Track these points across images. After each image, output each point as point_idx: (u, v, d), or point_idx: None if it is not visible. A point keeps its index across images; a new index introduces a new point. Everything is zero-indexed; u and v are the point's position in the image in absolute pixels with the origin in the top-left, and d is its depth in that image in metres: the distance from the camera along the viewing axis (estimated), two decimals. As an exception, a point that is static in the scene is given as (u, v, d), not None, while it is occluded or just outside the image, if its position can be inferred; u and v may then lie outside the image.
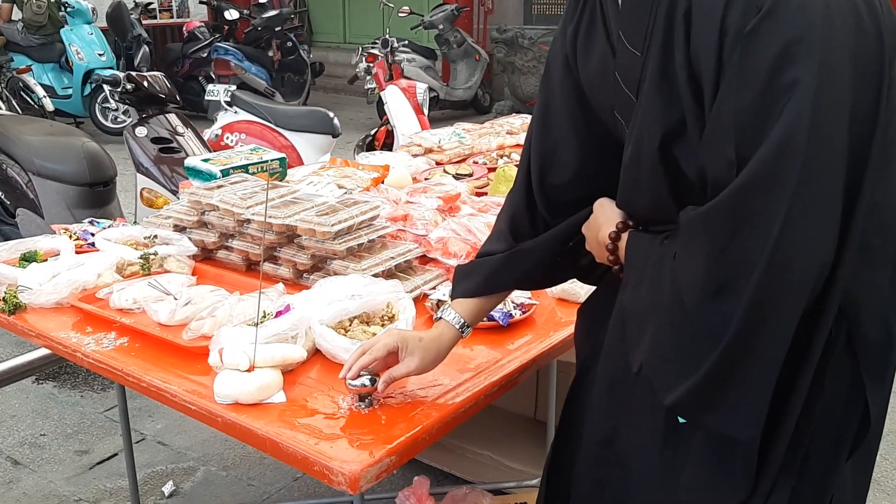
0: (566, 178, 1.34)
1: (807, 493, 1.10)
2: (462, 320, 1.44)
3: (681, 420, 1.13)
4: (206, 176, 2.49)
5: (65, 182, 3.78)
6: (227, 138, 5.16)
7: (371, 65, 5.37)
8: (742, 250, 0.96)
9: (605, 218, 1.25)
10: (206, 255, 2.17)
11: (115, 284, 1.92)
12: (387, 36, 6.19)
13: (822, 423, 1.08)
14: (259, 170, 2.56)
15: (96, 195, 3.81)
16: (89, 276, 1.94)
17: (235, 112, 5.20)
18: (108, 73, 8.06)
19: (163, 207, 3.77)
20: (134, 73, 3.77)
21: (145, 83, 3.77)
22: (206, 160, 2.54)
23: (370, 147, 5.18)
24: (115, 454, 2.96)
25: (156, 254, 2.03)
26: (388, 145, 5.08)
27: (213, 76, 8.36)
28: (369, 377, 1.42)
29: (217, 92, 5.64)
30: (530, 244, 1.39)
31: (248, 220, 2.05)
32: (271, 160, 2.60)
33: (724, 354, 0.99)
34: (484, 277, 1.44)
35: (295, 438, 1.35)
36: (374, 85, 7.93)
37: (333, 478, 1.28)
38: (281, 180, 2.58)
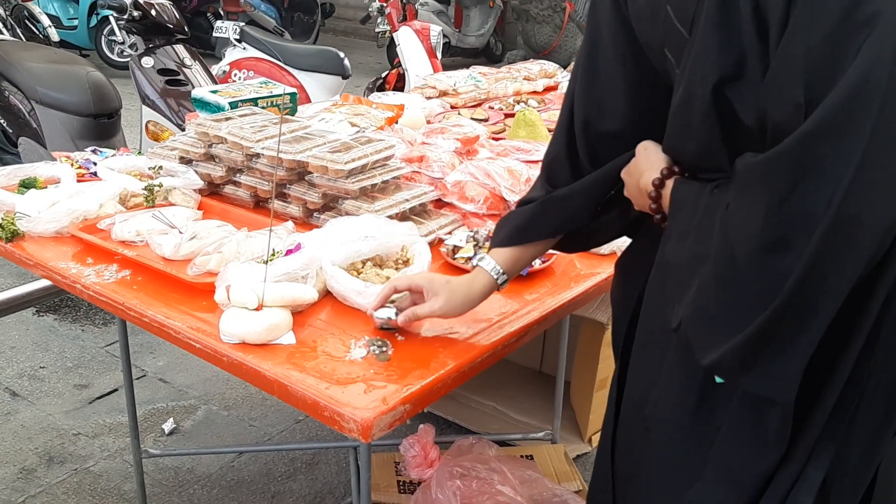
0: (613, 126, 1.24)
1: (851, 459, 1.03)
2: (499, 269, 1.38)
3: (718, 381, 1.06)
4: (214, 108, 2.39)
5: (68, 112, 3.68)
6: (235, 75, 5.04)
7: (384, 4, 5.21)
8: (806, 202, 0.87)
9: (648, 163, 1.16)
10: (212, 190, 2.09)
11: (118, 215, 1.84)
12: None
13: (871, 388, 1.01)
14: (269, 104, 2.46)
15: (100, 127, 3.72)
16: (90, 206, 1.87)
17: (244, 48, 5.08)
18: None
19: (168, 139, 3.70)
20: (141, 0, 3.63)
21: (153, 11, 3.64)
22: (214, 91, 2.44)
23: (381, 90, 5.06)
24: (115, 390, 2.92)
25: (160, 185, 1.95)
26: (398, 88, 4.96)
27: (222, 12, 8.17)
28: (395, 310, 1.40)
29: (226, 29, 5.50)
30: (565, 191, 1.31)
31: (258, 155, 1.96)
32: (282, 94, 2.50)
33: (775, 314, 0.91)
34: (517, 226, 1.37)
35: (304, 382, 1.29)
36: (385, 27, 7.77)
37: (344, 424, 1.22)
38: (291, 115, 2.48)
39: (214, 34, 5.47)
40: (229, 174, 2.05)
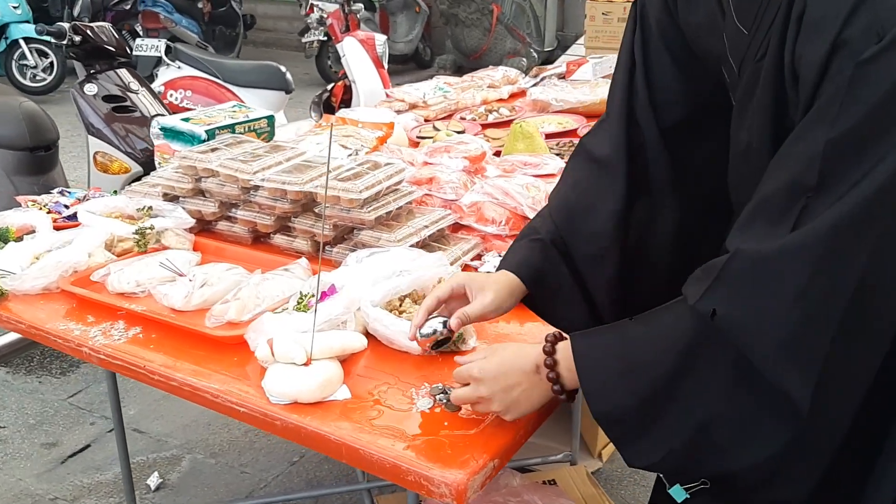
0: (678, 117, 1.19)
1: None
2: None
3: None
4: (188, 137, 2.22)
5: (2, 146, 3.41)
6: (171, 96, 4.80)
7: (324, 15, 5.05)
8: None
9: (515, 354, 1.13)
10: (202, 227, 1.93)
11: (112, 265, 1.67)
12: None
13: None
14: (247, 129, 2.30)
15: (38, 160, 3.45)
16: (80, 256, 1.69)
17: (179, 67, 4.85)
18: (25, 27, 7.48)
19: (119, 172, 3.48)
20: (80, 24, 3.39)
21: (93, 34, 3.40)
22: (185, 119, 2.27)
23: (327, 104, 4.89)
24: (88, 445, 2.70)
25: (152, 228, 1.78)
26: (345, 101, 4.81)
27: (141, 30, 7.83)
28: (440, 320, 1.26)
29: (147, 46, 5.25)
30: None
31: (257, 187, 1.81)
32: (259, 118, 2.34)
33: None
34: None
35: (377, 444, 1.16)
36: (314, 38, 7.58)
37: (434, 489, 1.10)
38: (269, 140, 2.33)
39: (135, 52, 5.18)
40: (223, 209, 1.90)
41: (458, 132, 2.74)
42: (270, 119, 2.38)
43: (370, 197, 1.72)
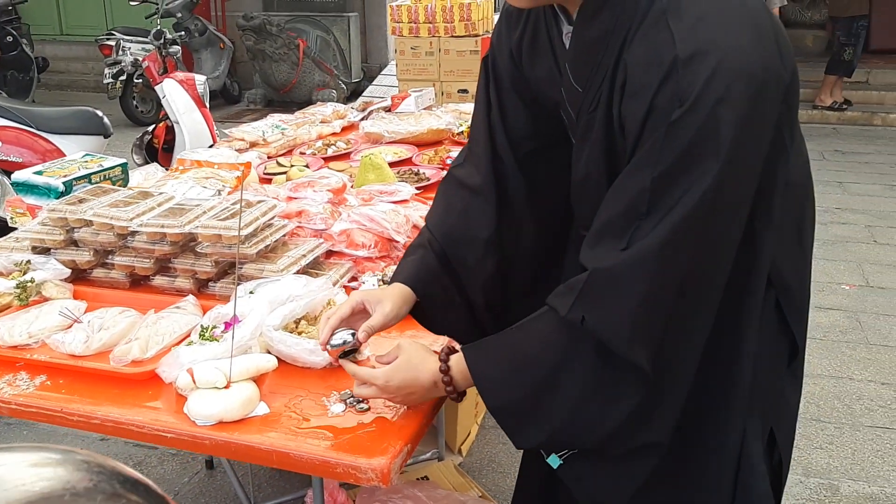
0: (530, 148, 1.46)
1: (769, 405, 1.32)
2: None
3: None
4: (45, 190, 2.25)
5: None
6: (-23, 147, 4.57)
7: (139, 59, 4.99)
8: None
9: (413, 366, 1.34)
10: (76, 276, 1.98)
11: (-2, 320, 1.70)
12: (159, 27, 5.80)
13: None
14: (102, 178, 2.36)
15: None
16: (-38, 314, 1.71)
17: (-18, 119, 4.62)
18: None
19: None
20: None
21: None
22: (38, 173, 2.29)
23: (149, 146, 4.85)
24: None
25: (33, 281, 1.83)
26: (168, 142, 4.79)
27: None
28: (348, 332, 1.40)
29: (-66, 96, 4.95)
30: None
31: (134, 233, 1.90)
32: (113, 167, 2.40)
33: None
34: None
35: (304, 447, 1.33)
36: (111, 80, 7.38)
37: (362, 476, 1.29)
38: (124, 186, 2.40)
39: (-77, 104, 4.87)
40: (97, 257, 1.96)
41: (304, 167, 2.92)
42: (124, 166, 2.45)
43: (250, 233, 1.87)
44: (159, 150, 4.80)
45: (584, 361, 1.19)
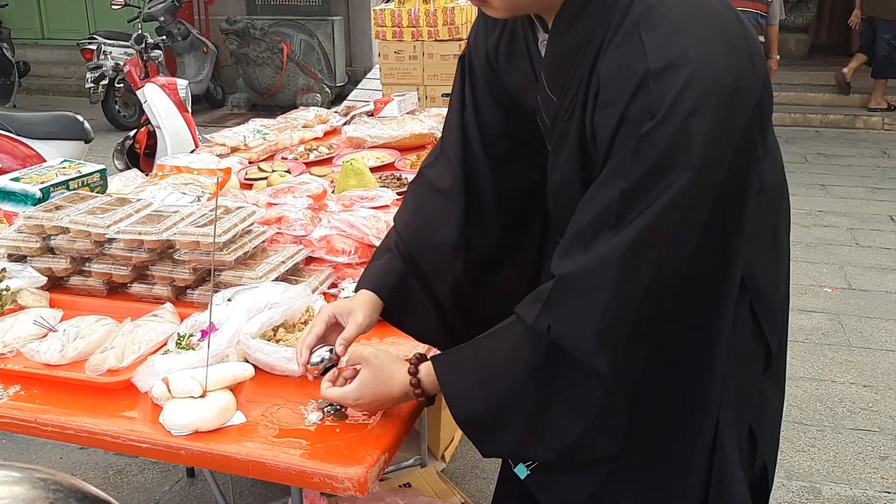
0: (503, 147, 1.44)
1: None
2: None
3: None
4: (22, 197, 2.23)
5: None
6: (-43, 153, 4.53)
7: (119, 63, 4.97)
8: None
9: (384, 372, 1.34)
10: (53, 284, 1.96)
11: (-29, 329, 1.68)
12: (141, 31, 5.76)
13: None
14: (80, 184, 2.34)
15: None
16: (-64, 325, 1.68)
17: (-36, 123, 4.58)
18: None
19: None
20: None
21: None
22: (15, 179, 2.27)
23: (131, 151, 4.82)
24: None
25: (8, 289, 1.81)
26: (150, 146, 4.76)
27: None
28: (326, 348, 1.41)
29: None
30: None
31: (111, 240, 1.89)
32: (91, 173, 2.38)
33: None
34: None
35: (280, 456, 1.32)
36: (91, 84, 7.32)
37: (338, 485, 1.28)
38: (102, 193, 2.38)
39: None
40: (74, 265, 1.94)
41: (285, 172, 2.90)
42: (103, 172, 2.43)
43: (228, 240, 1.86)
44: (141, 155, 4.77)
45: (551, 369, 1.19)
